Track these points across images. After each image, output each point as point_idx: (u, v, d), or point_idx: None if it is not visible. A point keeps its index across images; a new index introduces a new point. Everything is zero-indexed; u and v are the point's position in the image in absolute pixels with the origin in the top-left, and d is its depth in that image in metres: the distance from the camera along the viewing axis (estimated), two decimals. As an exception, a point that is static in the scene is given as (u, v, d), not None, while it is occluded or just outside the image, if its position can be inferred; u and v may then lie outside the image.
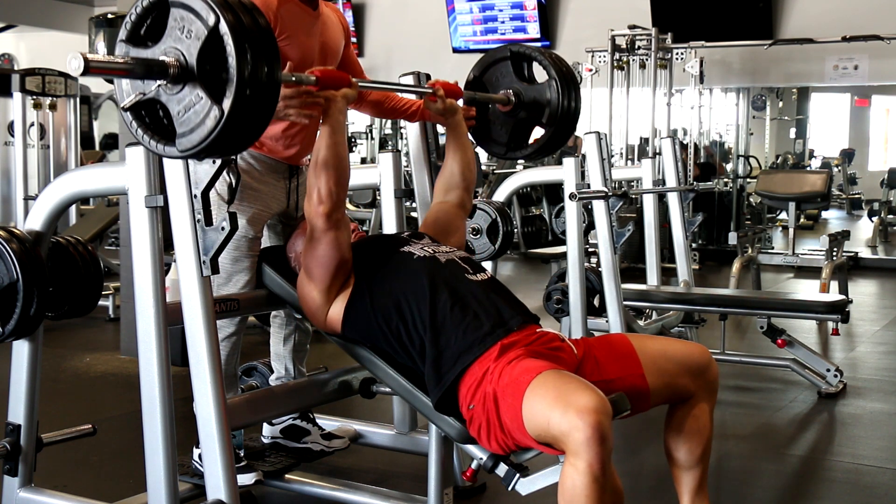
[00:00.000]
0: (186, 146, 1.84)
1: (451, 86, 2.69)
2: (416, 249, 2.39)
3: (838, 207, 14.03)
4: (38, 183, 7.32)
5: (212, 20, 1.77)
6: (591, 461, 1.88)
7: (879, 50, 8.47)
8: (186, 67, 1.80)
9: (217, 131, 1.79)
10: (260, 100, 1.81)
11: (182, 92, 1.82)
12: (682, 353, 2.29)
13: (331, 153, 2.28)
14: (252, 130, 1.88)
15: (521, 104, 2.81)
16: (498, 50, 2.87)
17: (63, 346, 5.18)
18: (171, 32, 1.82)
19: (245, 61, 1.77)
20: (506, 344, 2.16)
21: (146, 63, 1.81)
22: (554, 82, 2.76)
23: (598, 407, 1.89)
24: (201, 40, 1.78)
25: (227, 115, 1.78)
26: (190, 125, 1.82)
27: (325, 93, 2.26)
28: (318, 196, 2.27)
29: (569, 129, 2.86)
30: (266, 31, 1.83)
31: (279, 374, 2.95)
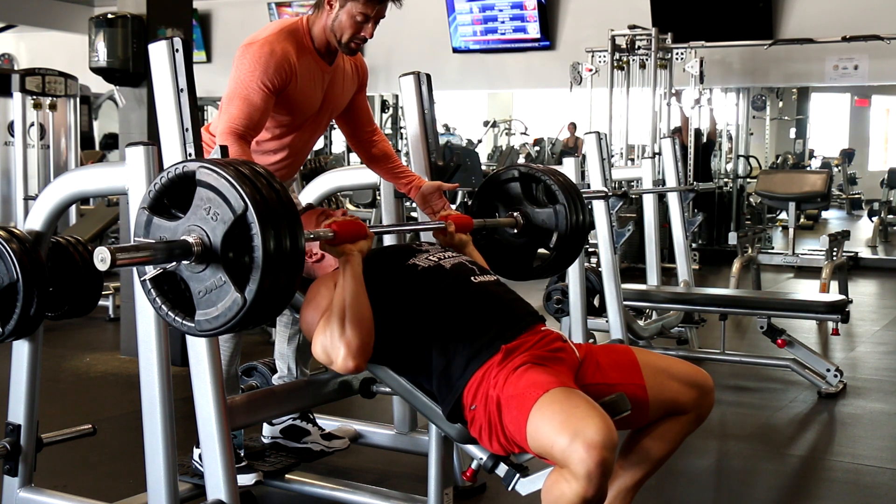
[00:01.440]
0: (206, 328, 1.82)
1: (461, 218, 2.61)
2: (420, 261, 2.36)
3: (838, 207, 14.03)
4: (38, 183, 7.31)
5: (240, 208, 1.74)
6: (588, 489, 1.88)
7: (879, 50, 8.47)
8: (210, 249, 1.78)
9: (239, 318, 1.78)
10: (282, 285, 1.79)
11: (204, 272, 1.80)
12: (684, 373, 2.28)
13: (357, 308, 2.18)
14: (273, 312, 1.87)
15: (528, 227, 2.78)
16: (506, 170, 2.83)
17: (63, 346, 5.18)
18: (196, 210, 1.80)
19: (269, 246, 1.73)
20: (510, 348, 2.15)
21: (170, 247, 1.78)
22: (562, 208, 2.71)
23: (605, 442, 1.87)
24: (227, 225, 1.75)
25: (249, 304, 1.76)
26: (210, 306, 1.80)
27: (342, 247, 2.19)
28: (348, 349, 2.15)
29: (576, 251, 2.81)
30: (287, 205, 1.79)
31: (282, 373, 2.96)
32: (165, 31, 4.84)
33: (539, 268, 2.83)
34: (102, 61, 4.90)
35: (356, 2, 2.52)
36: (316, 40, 2.60)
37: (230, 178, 1.75)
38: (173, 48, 2.14)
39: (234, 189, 1.74)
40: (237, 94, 2.46)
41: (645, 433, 2.28)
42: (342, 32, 2.56)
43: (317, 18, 2.59)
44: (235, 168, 1.78)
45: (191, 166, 1.82)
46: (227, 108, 2.47)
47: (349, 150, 11.62)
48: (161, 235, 1.83)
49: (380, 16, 2.59)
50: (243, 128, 2.44)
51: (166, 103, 2.15)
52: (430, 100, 3.07)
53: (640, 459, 2.28)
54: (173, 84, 2.14)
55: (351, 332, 2.14)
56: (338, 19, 2.55)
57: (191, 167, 1.81)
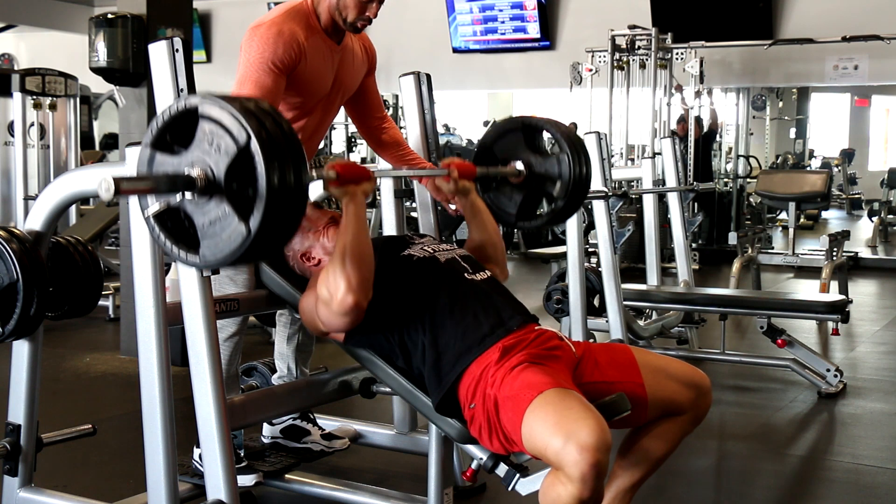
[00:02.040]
0: (211, 260, 1.82)
1: (465, 164, 2.61)
2: (415, 251, 2.38)
3: (838, 207, 14.04)
4: (38, 183, 7.31)
5: (243, 139, 1.73)
6: (583, 491, 1.88)
7: (879, 50, 8.47)
8: (214, 181, 1.77)
9: (244, 250, 1.77)
10: (287, 216, 1.78)
11: (208, 205, 1.79)
12: (682, 373, 2.28)
13: (359, 247, 2.21)
14: (278, 244, 1.86)
15: (532, 176, 2.78)
16: (509, 121, 2.83)
17: (63, 346, 5.18)
18: (199, 143, 1.79)
19: (273, 179, 1.73)
20: (507, 346, 2.15)
21: (173, 179, 1.78)
22: (566, 157, 2.69)
23: (598, 444, 1.86)
24: (230, 156, 1.74)
25: (254, 234, 1.75)
26: (215, 239, 1.80)
27: (345, 187, 2.20)
28: (349, 285, 2.17)
29: (579, 200, 2.80)
30: (293, 141, 1.79)
31: (281, 373, 2.96)
32: (165, 31, 4.84)
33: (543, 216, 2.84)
34: (102, 61, 4.90)
35: None
36: (322, 19, 2.60)
37: (234, 110, 1.75)
38: (173, 48, 2.14)
39: (237, 121, 1.74)
40: (248, 77, 2.46)
41: (643, 433, 2.28)
42: (347, 12, 2.57)
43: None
44: (239, 101, 1.77)
45: (193, 101, 1.80)
46: (239, 92, 2.46)
47: (349, 150, 11.63)
48: (164, 171, 1.83)
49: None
50: None
51: (166, 103, 2.15)
52: (430, 100, 3.07)
53: (639, 460, 2.28)
54: (173, 84, 2.15)
55: (351, 268, 2.17)
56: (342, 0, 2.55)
57: (193, 101, 1.80)
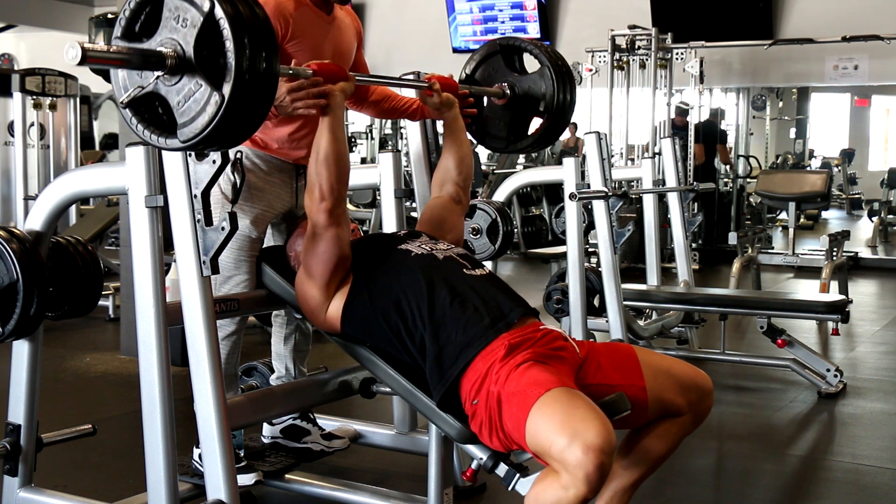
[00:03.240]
0: (188, 136, 1.83)
1: (447, 79, 2.69)
2: (413, 247, 2.39)
3: (838, 207, 14.03)
4: (38, 183, 7.32)
5: (206, 6, 1.76)
6: (586, 492, 1.88)
7: (879, 50, 8.47)
8: (184, 57, 1.79)
9: (219, 117, 1.79)
10: (260, 84, 1.81)
11: (181, 82, 1.82)
12: (685, 374, 2.28)
13: (331, 148, 2.28)
14: (253, 117, 1.87)
15: (516, 96, 2.81)
16: (487, 45, 2.87)
17: (63, 346, 5.18)
18: (166, 24, 1.82)
19: (243, 45, 1.76)
20: (513, 343, 2.14)
21: (143, 54, 1.80)
22: (547, 70, 2.76)
23: (603, 445, 1.86)
24: (197, 28, 1.77)
25: (227, 99, 1.77)
26: (190, 114, 1.82)
27: (322, 87, 2.26)
28: (321, 192, 2.28)
29: (567, 116, 2.85)
30: (262, 17, 1.82)
31: (279, 373, 2.95)
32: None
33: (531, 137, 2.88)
34: (102, 61, 4.89)
35: None
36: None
37: None
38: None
39: None
40: None
41: (643, 433, 2.28)
42: None
43: None
44: None
45: None
46: None
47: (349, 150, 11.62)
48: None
49: None
50: None
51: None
52: (430, 100, 3.06)
53: (639, 459, 2.28)
54: (173, 84, 2.14)
55: (323, 173, 2.27)
56: None
57: None
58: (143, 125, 1.89)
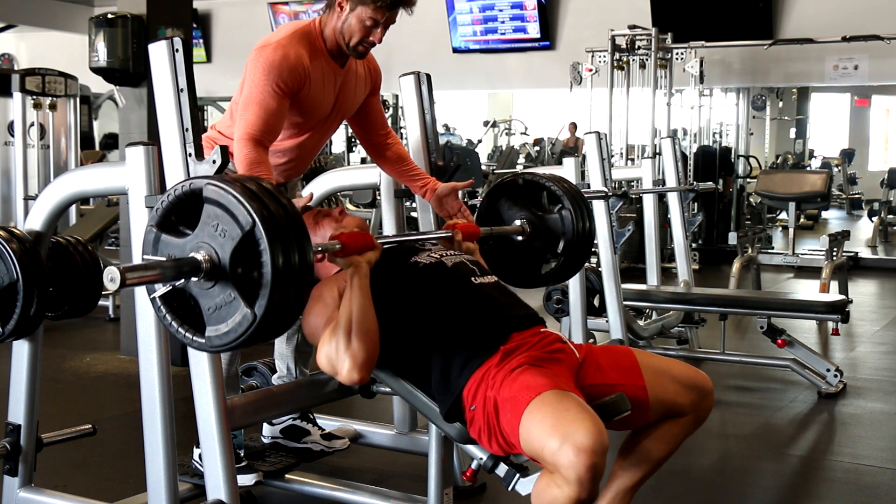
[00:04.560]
0: (217, 344, 1.83)
1: (469, 227, 2.60)
2: (423, 258, 2.37)
3: (838, 207, 14.04)
4: (38, 183, 7.31)
5: (248, 224, 1.75)
6: (580, 493, 1.88)
7: (879, 50, 8.47)
8: (219, 266, 1.78)
9: (249, 333, 1.78)
10: (292, 298, 1.79)
11: (214, 289, 1.80)
12: (685, 375, 2.28)
13: (364, 321, 2.17)
14: (283, 326, 1.87)
15: (535, 234, 2.78)
16: (511, 178, 2.83)
17: (63, 346, 5.18)
18: (203, 227, 1.80)
19: (278, 262, 1.74)
20: (508, 349, 2.15)
21: (179, 265, 1.79)
22: (569, 213, 2.71)
23: (594, 446, 1.86)
24: (235, 241, 1.76)
25: (259, 319, 1.76)
26: (220, 322, 1.81)
27: (349, 259, 2.19)
28: (354, 362, 2.15)
29: (584, 256, 2.81)
30: (295, 219, 1.80)
31: (281, 373, 2.96)
32: (165, 31, 4.84)
33: (547, 274, 2.83)
34: (102, 61, 4.90)
35: (366, 6, 2.51)
36: (328, 42, 2.60)
37: (237, 194, 1.76)
38: (173, 48, 2.14)
39: (242, 205, 1.75)
40: (253, 99, 2.46)
41: (644, 434, 2.28)
42: (351, 35, 2.56)
43: (328, 20, 2.58)
44: (242, 184, 1.78)
45: (197, 183, 1.82)
46: (244, 114, 2.46)
47: (349, 150, 11.62)
48: (169, 253, 1.84)
49: (390, 21, 2.58)
50: (260, 133, 2.45)
51: (166, 103, 2.15)
52: (430, 100, 3.07)
53: (639, 460, 2.28)
54: (173, 84, 2.14)
55: (357, 344, 2.14)
56: (347, 22, 2.54)
57: (197, 184, 1.82)
58: (172, 317, 1.87)
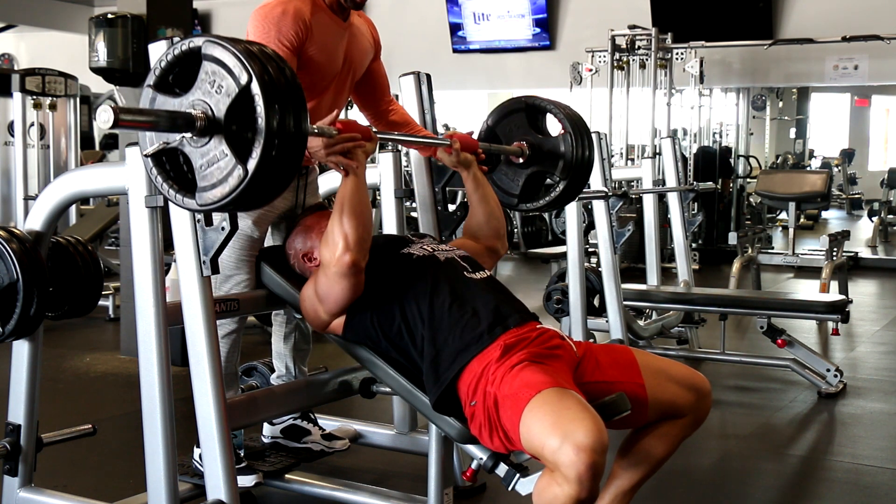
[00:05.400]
0: (207, 201, 1.82)
1: (467, 139, 2.64)
2: (415, 250, 2.39)
3: (838, 207, 14.05)
4: (38, 183, 7.32)
5: (244, 79, 1.74)
6: (580, 492, 1.87)
7: (879, 50, 8.47)
8: (213, 121, 1.78)
9: (239, 191, 1.77)
10: (284, 161, 1.79)
11: (207, 146, 1.80)
12: (682, 376, 2.28)
13: (357, 208, 2.24)
14: (274, 189, 1.86)
15: (534, 156, 2.78)
16: (512, 101, 2.84)
17: (63, 346, 5.18)
18: (200, 84, 1.80)
19: (272, 123, 1.74)
20: (509, 343, 2.15)
21: (173, 116, 1.78)
22: (569, 136, 2.72)
23: (594, 445, 1.86)
24: (231, 97, 1.75)
25: (251, 175, 1.75)
26: (212, 180, 1.80)
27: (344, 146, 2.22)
28: (346, 243, 2.21)
29: (582, 182, 2.82)
30: (294, 87, 1.80)
31: (280, 372, 2.96)
32: (165, 31, 4.84)
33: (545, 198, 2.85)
34: (102, 61, 4.91)
35: None
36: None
37: (237, 51, 1.75)
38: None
39: (240, 62, 1.74)
40: None
41: (643, 434, 2.28)
42: None
43: None
44: (243, 44, 1.78)
45: (196, 41, 1.81)
46: None
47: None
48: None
49: None
50: None
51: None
52: (430, 100, 3.07)
53: (639, 461, 2.28)
54: (173, 84, 2.14)
55: (349, 225, 2.22)
56: None
57: (196, 42, 1.81)
58: (163, 178, 1.87)
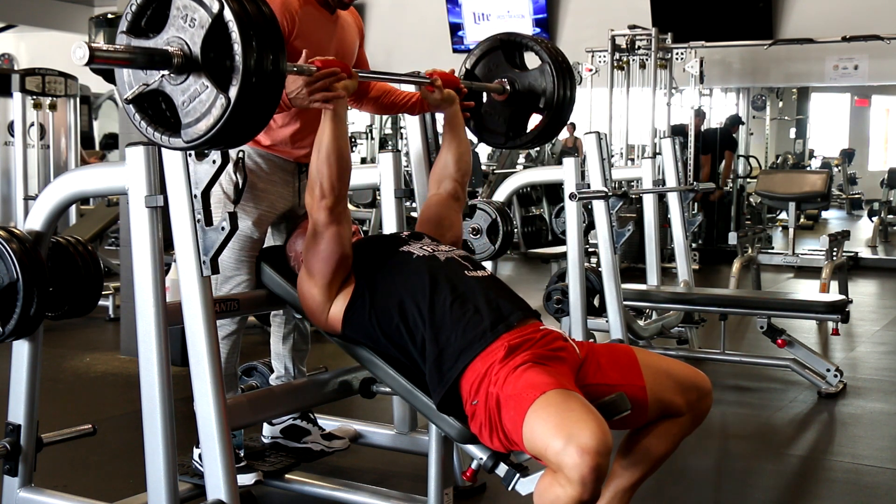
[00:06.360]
0: (193, 136, 1.82)
1: (448, 75, 2.70)
2: (415, 249, 2.39)
3: (838, 207, 14.04)
4: (38, 183, 7.32)
5: (216, 7, 1.75)
6: (582, 494, 1.87)
7: (879, 50, 8.47)
8: (190, 56, 1.78)
9: (224, 120, 1.78)
10: (266, 87, 1.80)
11: (186, 82, 1.81)
12: (684, 375, 2.28)
13: (333, 145, 2.28)
14: (258, 119, 1.87)
15: (516, 92, 2.80)
16: (489, 40, 2.86)
17: (63, 346, 5.18)
18: (173, 21, 1.80)
19: (251, 48, 1.75)
20: (513, 344, 2.14)
21: (150, 52, 1.79)
22: (548, 66, 2.75)
23: (599, 447, 1.86)
24: (205, 28, 1.76)
25: (234, 102, 1.76)
26: (195, 115, 1.81)
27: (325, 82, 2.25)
28: (321, 190, 2.28)
29: (566, 113, 2.85)
30: (270, 19, 1.81)
31: (279, 373, 2.95)
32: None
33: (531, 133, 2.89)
34: (102, 61, 4.90)
35: None
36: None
37: None
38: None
39: None
40: None
41: (643, 434, 2.28)
42: None
43: None
44: None
45: None
46: None
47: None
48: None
49: None
50: None
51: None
52: (430, 100, 3.06)
53: (638, 460, 2.28)
54: (173, 83, 2.14)
55: (324, 170, 2.27)
56: None
57: None
58: (147, 122, 1.88)
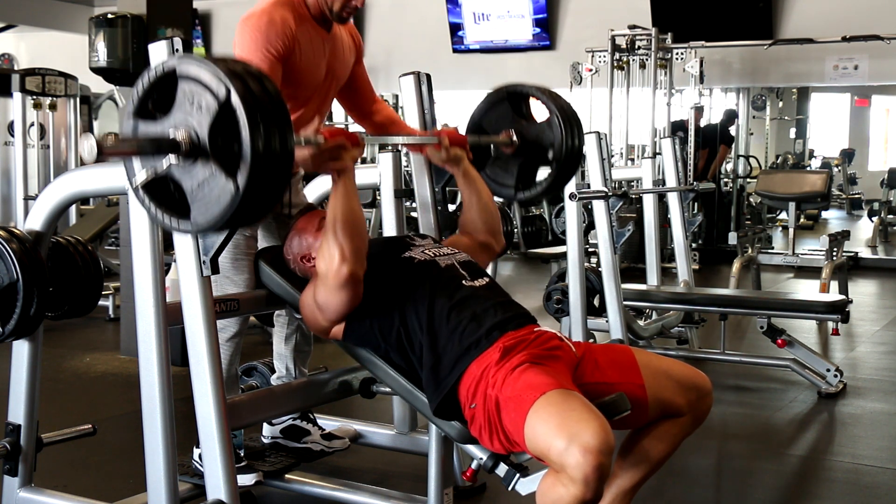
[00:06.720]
0: (202, 223, 1.81)
1: (455, 133, 2.64)
2: (416, 254, 2.38)
3: (838, 207, 14.04)
4: (38, 183, 7.32)
5: (223, 93, 1.73)
6: (585, 493, 1.88)
7: (879, 50, 8.47)
8: (198, 143, 1.76)
9: (233, 208, 1.76)
10: (274, 171, 1.78)
11: (195, 167, 1.79)
12: (684, 375, 2.28)
13: (352, 215, 2.23)
14: (268, 201, 1.85)
15: (524, 144, 2.77)
16: (495, 92, 2.83)
17: (63, 346, 5.18)
18: (180, 105, 1.79)
19: (258, 134, 1.72)
20: (508, 346, 2.15)
21: (157, 142, 1.77)
22: (555, 118, 2.71)
23: (601, 446, 1.86)
24: (212, 114, 1.74)
25: (242, 190, 1.74)
26: (205, 202, 1.79)
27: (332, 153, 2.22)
28: (342, 255, 2.20)
29: (575, 163, 2.81)
30: (276, 99, 1.78)
31: (280, 373, 2.96)
32: (165, 31, 4.84)
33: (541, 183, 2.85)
34: (102, 61, 4.91)
35: None
36: (311, 8, 2.61)
37: (211, 66, 1.75)
38: (173, 48, 2.14)
39: (216, 76, 1.73)
40: None
41: (643, 434, 2.28)
42: (333, 1, 2.58)
43: None
44: (216, 59, 1.77)
45: (171, 62, 1.80)
46: None
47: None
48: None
49: None
50: None
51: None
52: (430, 100, 3.06)
53: (639, 461, 2.28)
54: (173, 84, 2.14)
55: (343, 237, 2.20)
56: None
57: (171, 63, 1.80)
58: (156, 206, 1.87)
